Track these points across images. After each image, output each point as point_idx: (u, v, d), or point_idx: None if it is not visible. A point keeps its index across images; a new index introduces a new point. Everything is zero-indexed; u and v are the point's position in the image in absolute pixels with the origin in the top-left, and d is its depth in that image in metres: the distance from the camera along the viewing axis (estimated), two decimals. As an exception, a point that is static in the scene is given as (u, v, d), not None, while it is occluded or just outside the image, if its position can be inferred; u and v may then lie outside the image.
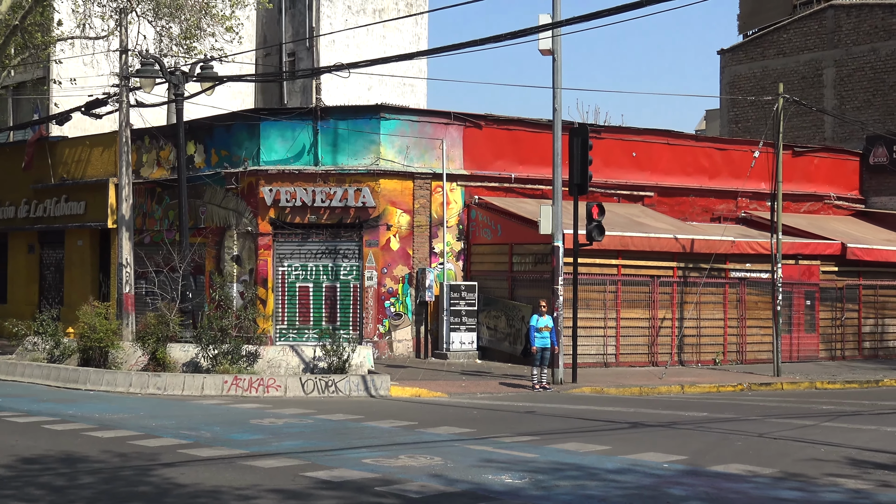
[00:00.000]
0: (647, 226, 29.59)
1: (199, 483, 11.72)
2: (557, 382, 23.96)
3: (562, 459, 13.76)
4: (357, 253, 28.86)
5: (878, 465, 13.98)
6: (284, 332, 28.79)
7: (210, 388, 21.49)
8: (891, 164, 36.73)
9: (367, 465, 12.99)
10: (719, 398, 23.44)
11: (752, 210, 33.97)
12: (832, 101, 38.59)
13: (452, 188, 29.51)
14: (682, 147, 33.64)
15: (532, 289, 27.67)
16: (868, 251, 32.46)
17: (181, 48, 29.24)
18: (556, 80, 24.30)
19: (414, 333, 29.11)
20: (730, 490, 12.07)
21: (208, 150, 30.15)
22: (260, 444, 14.73)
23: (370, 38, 43.20)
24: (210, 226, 29.64)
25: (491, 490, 11.67)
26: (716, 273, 29.71)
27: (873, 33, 37.76)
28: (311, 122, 29.01)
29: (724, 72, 42.28)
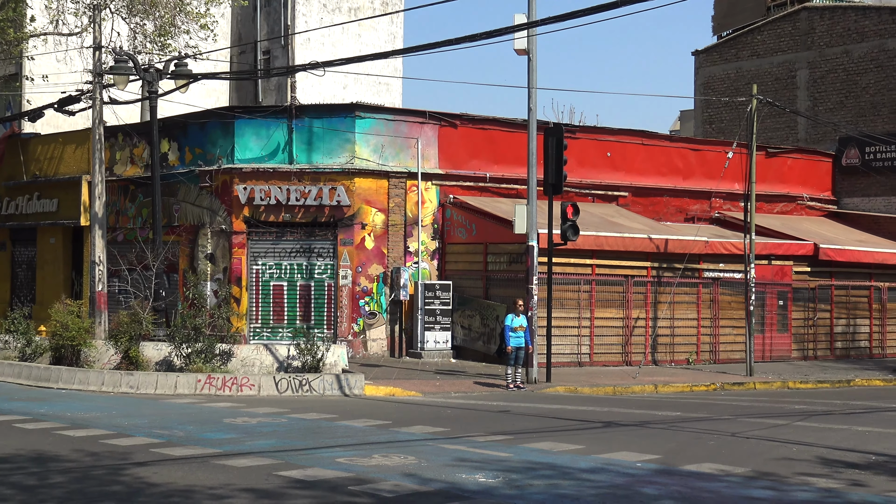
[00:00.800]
0: (622, 226, 29.68)
1: (171, 482, 11.67)
2: (532, 382, 24.00)
3: (535, 459, 13.78)
4: (332, 252, 28.80)
5: (849, 464, 14.07)
6: (258, 331, 28.70)
7: (183, 387, 21.40)
8: (863, 165, 36.98)
9: (340, 465, 12.97)
10: (692, 398, 23.54)
11: (726, 210, 34.14)
12: (805, 103, 38.82)
13: (427, 187, 29.50)
14: (657, 147, 33.76)
15: (506, 288, 27.70)
16: (840, 252, 32.67)
17: (155, 45, 29.12)
18: (531, 80, 24.34)
19: (388, 332, 29.08)
20: (702, 489, 12.12)
21: (182, 147, 30.01)
22: (233, 443, 14.68)
23: (345, 36, 43.12)
24: (184, 224, 29.50)
25: (465, 489, 11.67)
26: (689, 273, 29.84)
27: (846, 35, 38.00)
28: (285, 120, 28.93)
29: (699, 73, 42.45)
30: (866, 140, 36.39)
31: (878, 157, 36.71)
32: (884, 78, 36.87)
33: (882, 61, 36.92)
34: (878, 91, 37.01)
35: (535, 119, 24.53)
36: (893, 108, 36.56)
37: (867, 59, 37.36)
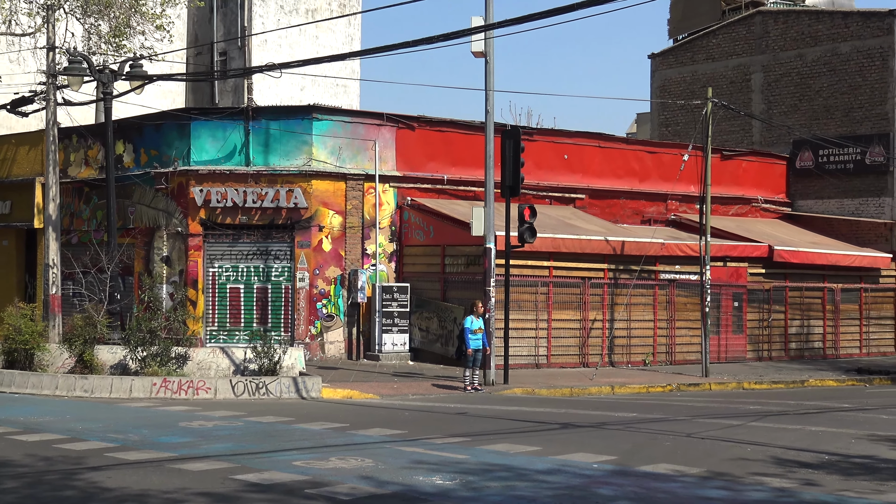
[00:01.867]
0: (579, 228, 29.80)
1: (125, 487, 11.57)
2: (489, 384, 24.03)
3: (492, 460, 13.80)
4: (289, 254, 28.69)
5: (802, 463, 14.20)
6: (215, 334, 28.53)
7: (138, 391, 21.23)
8: (816, 168, 37.36)
9: (297, 468, 12.92)
10: (649, 399, 23.67)
11: (682, 213, 34.37)
12: (760, 106, 39.16)
13: (385, 189, 29.47)
14: (614, 150, 33.93)
15: (464, 290, 27.72)
16: (794, 253, 32.98)
17: (110, 46, 28.85)
18: (488, 83, 24.38)
19: (346, 335, 29.01)
20: (658, 490, 12.19)
21: (137, 149, 29.78)
22: (189, 446, 14.58)
23: (303, 38, 43.01)
24: (139, 226, 29.28)
25: (421, 491, 11.67)
26: (646, 275, 30.01)
27: (800, 39, 38.38)
28: (242, 122, 28.78)
29: (655, 76, 42.70)
30: (820, 143, 36.77)
31: (831, 160, 37.11)
32: (836, 81, 37.27)
33: (835, 65, 37.32)
34: (830, 94, 37.41)
35: (492, 121, 24.58)
36: (846, 112, 36.97)
37: (820, 63, 37.75)
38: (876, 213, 36.27)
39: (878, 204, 36.31)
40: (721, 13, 42.52)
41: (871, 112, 36.37)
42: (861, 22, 36.99)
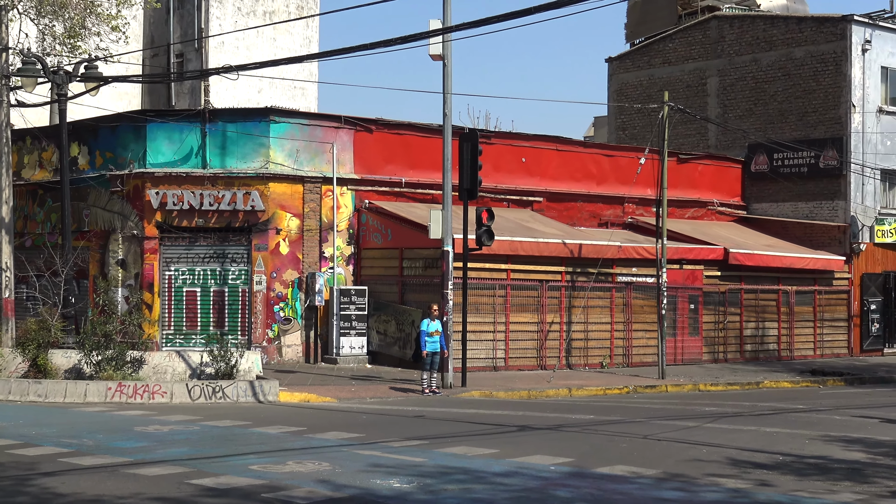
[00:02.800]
0: (536, 231, 29.88)
1: (79, 492, 11.46)
2: (447, 386, 24.03)
3: (450, 463, 13.80)
4: (246, 257, 28.55)
5: (757, 464, 14.33)
6: (171, 338, 28.32)
7: (93, 395, 21.02)
8: (771, 171, 37.71)
9: (254, 472, 12.86)
10: (606, 401, 23.76)
11: (639, 216, 34.56)
12: (716, 110, 39.47)
13: (343, 192, 29.40)
14: (571, 153, 34.05)
15: (422, 293, 27.71)
16: (749, 256, 33.26)
17: (65, 47, 28.51)
18: (446, 86, 24.39)
19: (303, 338, 28.91)
20: (614, 491, 12.25)
21: (93, 151, 29.53)
22: (144, 451, 14.47)
23: (260, 40, 42.82)
24: (94, 229, 29.03)
25: (378, 495, 11.65)
26: (603, 277, 30.14)
27: (755, 44, 38.73)
28: (199, 124, 28.61)
29: (612, 80, 42.92)
30: (774, 147, 37.12)
31: (785, 164, 37.48)
32: (791, 86, 37.64)
33: (789, 69, 37.70)
34: (785, 99, 37.77)
35: (450, 124, 24.58)
36: (800, 116, 37.34)
37: (775, 68, 38.12)
38: (829, 217, 36.66)
39: (831, 207, 36.70)
40: (677, 18, 42.83)
41: (825, 116, 36.77)
42: (815, 27, 37.40)
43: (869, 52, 36.66)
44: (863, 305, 36.62)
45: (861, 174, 36.23)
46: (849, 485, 12.96)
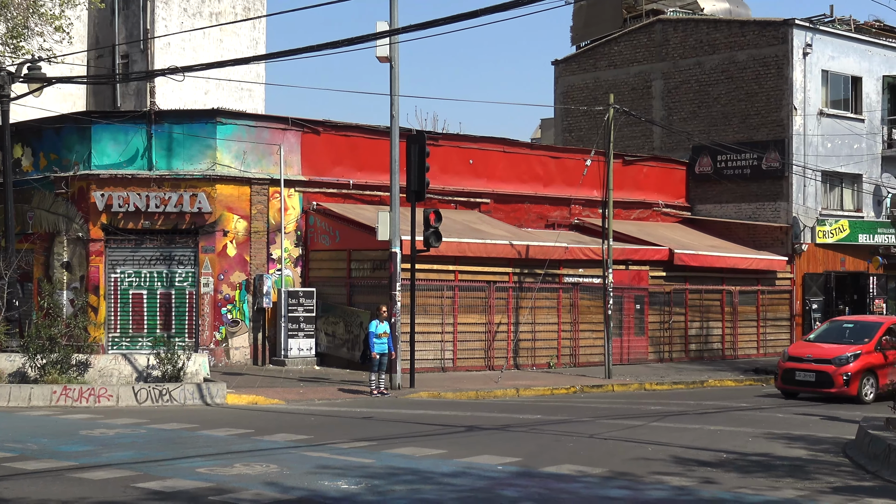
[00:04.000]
0: (484, 232, 29.95)
1: (24, 497, 11.31)
2: (395, 388, 24.03)
3: (398, 464, 13.80)
4: (193, 259, 28.35)
5: (701, 462, 14.47)
6: (117, 341, 28.06)
7: (38, 399, 20.76)
8: (715, 173, 38.09)
9: (200, 475, 12.77)
10: (553, 401, 23.88)
11: (585, 217, 34.76)
12: (660, 112, 39.79)
13: (290, 194, 29.29)
14: (518, 155, 34.18)
15: (370, 295, 27.67)
16: (694, 257, 33.57)
17: (7, 47, 28.19)
18: (393, 88, 24.39)
19: (251, 340, 28.77)
20: (561, 490, 12.32)
21: (36, 153, 29.18)
22: (90, 455, 14.31)
23: (207, 41, 42.55)
24: (38, 231, 28.68)
25: (326, 496, 11.62)
26: (550, 278, 30.28)
27: (698, 47, 39.10)
28: (145, 125, 28.37)
29: (558, 82, 43.12)
30: (718, 149, 37.49)
31: (728, 166, 37.87)
32: (734, 89, 38.04)
33: (732, 73, 38.10)
34: (728, 102, 38.17)
35: (397, 126, 24.59)
36: (743, 119, 37.76)
37: (718, 71, 38.51)
38: (772, 218, 37.10)
39: (774, 208, 37.14)
40: (622, 21, 43.08)
41: (767, 119, 37.20)
42: (757, 31, 37.84)
43: (810, 56, 37.15)
44: (805, 305, 37.09)
45: (803, 176, 36.69)
46: (791, 481, 13.12)
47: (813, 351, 24.59)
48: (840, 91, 38.51)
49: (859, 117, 38.84)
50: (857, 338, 24.84)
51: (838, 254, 38.15)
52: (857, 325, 25.83)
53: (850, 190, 38.89)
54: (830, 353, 24.09)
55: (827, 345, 24.85)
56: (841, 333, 25.54)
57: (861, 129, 38.89)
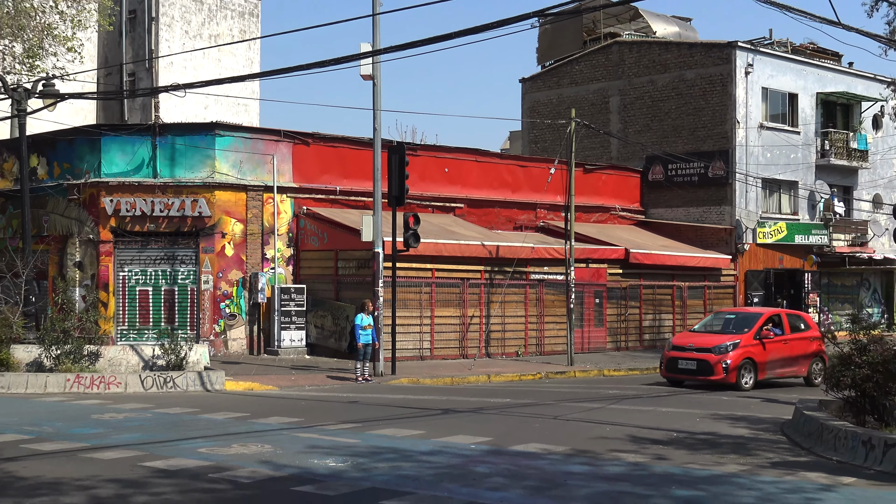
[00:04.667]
0: (458, 234, 29.96)
1: (40, 476, 11.25)
2: (378, 375, 24.00)
3: (380, 444, 13.79)
4: (194, 259, 28.24)
5: (654, 441, 14.53)
6: (125, 333, 27.91)
7: (53, 386, 20.64)
8: (666, 180, 38.23)
9: (201, 454, 12.74)
10: (521, 386, 23.90)
11: (550, 220, 34.81)
12: (617, 126, 39.90)
13: (283, 199, 29.21)
14: (489, 164, 34.21)
15: (355, 291, 27.64)
16: (647, 256, 33.69)
17: (24, 66, 27.99)
18: (375, 103, 24.37)
19: (247, 332, 28.67)
20: (528, 466, 12.35)
21: (51, 162, 28.99)
22: (100, 437, 14.25)
23: (206, 61, 42.38)
24: (53, 234, 28.50)
25: (316, 473, 11.61)
26: (518, 275, 30.32)
27: (651, 67, 39.23)
28: (150, 137, 28.25)
29: (525, 98, 43.18)
30: (669, 158, 37.63)
31: (678, 174, 38.02)
32: (683, 104, 38.20)
33: (681, 90, 38.26)
34: (678, 116, 38.32)
35: (379, 138, 24.57)
36: (692, 131, 37.91)
37: (669, 88, 38.65)
38: (717, 220, 37.28)
39: (719, 212, 37.32)
40: (583, 43, 43.21)
41: (713, 131, 37.38)
42: (704, 52, 38.00)
43: (751, 75, 37.35)
44: (747, 299, 37.27)
45: (745, 183, 36.89)
46: (734, 457, 13.20)
47: (695, 340, 23.29)
48: (778, 106, 38.72)
49: (795, 130, 39.07)
50: (738, 328, 23.45)
51: (777, 253, 38.38)
52: (739, 316, 24.42)
53: (788, 195, 39.12)
54: (711, 343, 22.79)
55: (709, 335, 23.62)
56: (724, 324, 24.25)
57: (797, 141, 39.14)
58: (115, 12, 34.93)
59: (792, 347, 23.60)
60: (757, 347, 22.92)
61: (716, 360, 22.41)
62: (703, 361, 22.56)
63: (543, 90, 42.45)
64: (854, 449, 13.02)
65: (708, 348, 22.66)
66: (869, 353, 14.34)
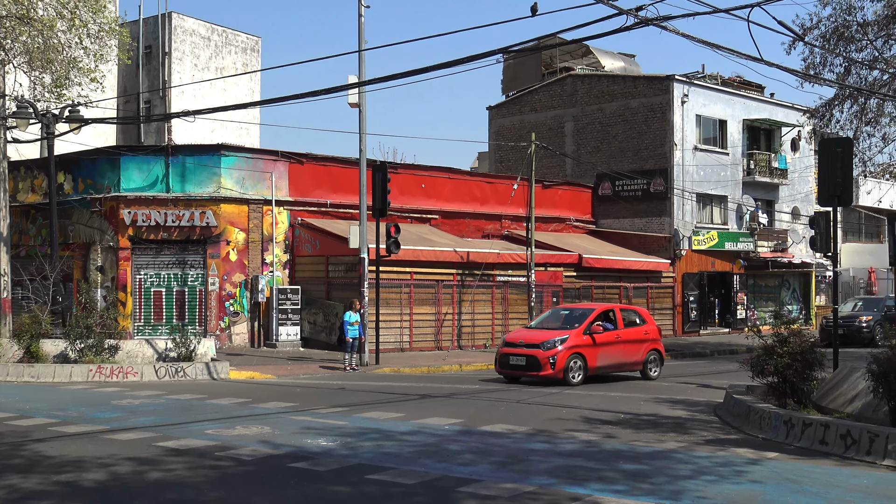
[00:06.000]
0: (433, 241, 29.94)
1: (65, 455, 11.13)
2: (364, 365, 23.92)
3: (366, 425, 13.74)
4: (202, 263, 28.05)
5: (604, 421, 14.55)
6: (141, 329, 27.66)
7: (77, 376, 20.43)
8: (614, 195, 38.38)
9: (208, 435, 12.64)
10: (489, 374, 23.80)
11: (513, 229, 34.84)
12: (571, 147, 40.02)
13: (280, 211, 29.08)
14: (460, 180, 34.21)
15: (344, 291, 27.55)
16: (598, 260, 33.77)
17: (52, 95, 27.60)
18: (361, 127, 24.33)
19: (249, 328, 28.51)
20: (494, 444, 12.33)
21: (76, 178, 28.73)
22: (119, 420, 14.11)
23: (213, 90, 42.14)
24: (77, 241, 28.24)
25: (309, 451, 11.54)
26: (486, 278, 30.33)
27: (601, 97, 39.40)
28: (163, 157, 28.06)
29: (492, 123, 43.23)
30: (616, 176, 37.78)
31: (624, 189, 38.18)
32: (629, 129, 38.37)
33: (627, 116, 38.44)
34: (624, 139, 38.49)
35: (364, 158, 24.53)
36: (636, 152, 38.08)
37: (616, 115, 38.82)
38: (658, 229, 37.45)
39: (659, 222, 37.51)
40: (542, 76, 43.35)
41: (655, 152, 37.57)
42: (646, 84, 38.20)
43: (687, 104, 37.58)
44: (684, 298, 37.47)
45: (681, 197, 37.09)
46: (674, 435, 13.24)
47: (525, 336, 20.65)
48: (710, 131, 38.98)
49: (725, 151, 39.34)
50: (570, 323, 20.74)
51: (710, 258, 38.60)
52: (573, 312, 21.56)
53: (718, 208, 39.37)
54: (539, 338, 20.13)
55: (541, 331, 20.84)
56: (558, 319, 21.49)
57: (726, 161, 39.40)
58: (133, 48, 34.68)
59: (625, 342, 21.11)
60: (586, 341, 20.32)
61: (543, 355, 19.82)
62: (532, 357, 19.94)
63: (507, 116, 42.52)
64: (777, 428, 13.09)
65: (536, 344, 20.02)
66: (789, 344, 14.43)
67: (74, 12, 25.38)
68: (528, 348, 20.15)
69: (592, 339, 20.46)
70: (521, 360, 20.19)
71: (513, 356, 20.37)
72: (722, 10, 14.28)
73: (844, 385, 14.14)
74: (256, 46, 45.37)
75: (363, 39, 23.77)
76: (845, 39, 26.02)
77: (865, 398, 13.07)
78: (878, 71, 26.49)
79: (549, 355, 19.84)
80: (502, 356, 20.68)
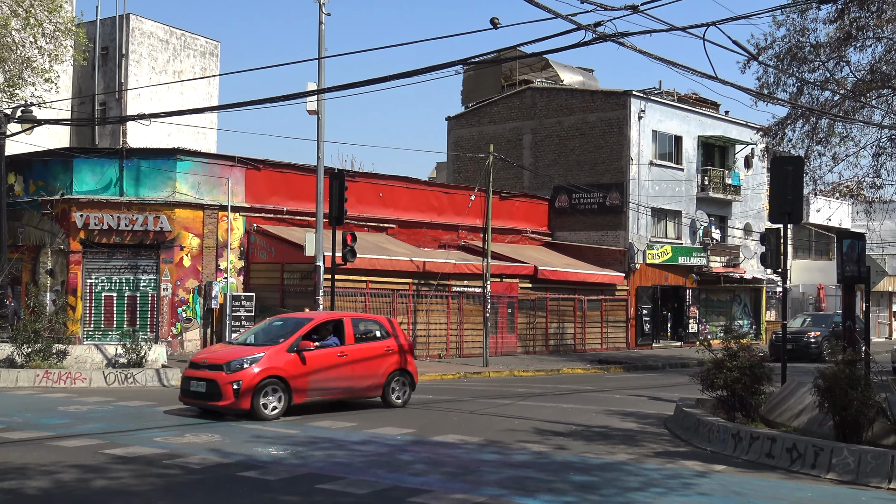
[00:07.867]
0: (390, 251, 29.88)
1: (8, 462, 10.90)
2: (317, 373, 23.70)
3: (318, 434, 13.66)
4: (155, 268, 27.70)
5: (556, 433, 14.61)
6: (91, 334, 27.22)
7: (24, 381, 20.04)
8: (570, 208, 38.64)
9: (157, 443, 12.47)
10: (442, 384, 23.87)
11: (470, 240, 34.90)
12: (529, 159, 40.24)
13: (236, 217, 28.83)
14: (418, 190, 34.20)
15: (298, 299, 27.36)
16: (553, 272, 33.95)
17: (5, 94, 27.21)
18: (319, 135, 24.25)
19: (202, 334, 28.19)
20: (446, 455, 12.33)
21: (27, 180, 28.22)
22: (66, 427, 13.86)
23: (170, 93, 41.71)
24: (27, 244, 27.73)
25: (259, 460, 11.45)
26: (441, 288, 30.33)
27: (559, 110, 39.69)
28: (118, 160, 27.69)
29: (451, 133, 43.33)
30: (573, 189, 38.05)
31: (581, 202, 38.47)
32: (586, 143, 38.68)
33: (584, 130, 38.76)
34: (581, 152, 38.79)
35: (322, 165, 24.44)
36: (593, 166, 38.40)
37: (574, 129, 39.12)
38: (613, 243, 37.78)
39: (615, 236, 37.84)
40: (501, 88, 43.56)
41: (611, 167, 37.91)
42: (604, 99, 38.56)
43: (643, 119, 38.00)
44: (637, 311, 37.80)
45: (637, 211, 37.45)
46: (624, 447, 13.34)
47: (210, 355, 16.04)
48: (666, 146, 39.45)
49: (680, 167, 39.83)
50: (274, 338, 16.35)
51: (663, 271, 39.01)
52: (286, 323, 16.96)
53: (673, 222, 39.83)
54: (224, 357, 15.54)
55: (239, 347, 16.31)
56: (270, 333, 16.81)
57: (681, 176, 39.89)
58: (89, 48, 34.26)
59: (356, 361, 16.83)
60: (291, 362, 15.69)
61: (226, 379, 15.16)
62: (212, 382, 15.26)
63: (466, 127, 42.65)
64: (725, 441, 13.25)
65: (219, 365, 15.37)
66: (738, 358, 14.63)
67: (29, 11, 25.02)
68: (211, 370, 15.45)
69: (301, 357, 15.86)
70: (200, 387, 15.45)
71: (193, 380, 15.64)
72: (679, 27, 14.48)
73: (792, 399, 14.36)
74: (215, 51, 45.04)
75: (323, 47, 23.73)
76: (798, 60, 26.52)
77: (812, 412, 13.30)
78: (829, 91, 27.04)
79: (233, 380, 15.14)
80: (184, 380, 16.04)
